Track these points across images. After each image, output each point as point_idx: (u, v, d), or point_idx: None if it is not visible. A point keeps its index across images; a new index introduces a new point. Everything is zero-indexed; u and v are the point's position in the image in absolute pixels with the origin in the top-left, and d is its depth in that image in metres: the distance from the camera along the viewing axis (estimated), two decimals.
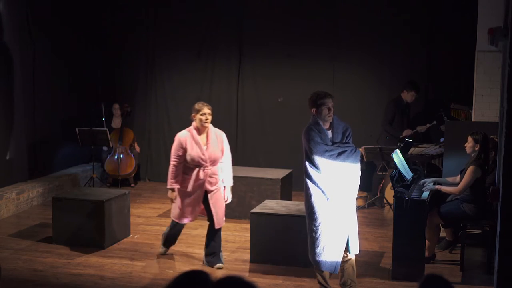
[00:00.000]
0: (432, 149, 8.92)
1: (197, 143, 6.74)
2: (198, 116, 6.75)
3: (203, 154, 6.73)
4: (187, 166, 6.79)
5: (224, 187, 7.00)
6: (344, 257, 5.90)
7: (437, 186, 7.02)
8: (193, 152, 6.71)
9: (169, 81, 11.12)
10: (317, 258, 5.81)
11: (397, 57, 10.11)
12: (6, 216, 8.82)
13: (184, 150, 6.74)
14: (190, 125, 11.03)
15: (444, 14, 9.85)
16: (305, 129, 5.95)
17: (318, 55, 10.40)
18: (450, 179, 7.21)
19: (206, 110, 6.76)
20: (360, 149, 9.41)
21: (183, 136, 6.79)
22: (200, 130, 6.81)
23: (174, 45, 10.99)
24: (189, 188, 6.81)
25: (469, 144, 6.89)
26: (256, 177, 8.76)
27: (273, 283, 6.53)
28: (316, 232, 5.79)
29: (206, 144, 6.79)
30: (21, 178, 9.56)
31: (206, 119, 6.75)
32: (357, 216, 5.78)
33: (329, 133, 5.93)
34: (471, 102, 8.54)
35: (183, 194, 6.88)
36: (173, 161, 6.81)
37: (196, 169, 6.76)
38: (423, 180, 7.20)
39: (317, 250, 5.79)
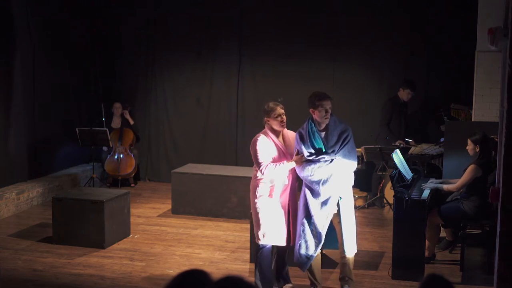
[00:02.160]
0: (432, 149, 8.92)
1: (277, 146, 6.06)
2: (273, 118, 6.03)
3: (286, 158, 6.06)
4: None
5: None
6: (341, 257, 6.11)
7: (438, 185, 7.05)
8: (276, 156, 6.03)
9: (169, 81, 11.12)
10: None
11: (397, 57, 10.11)
12: (6, 216, 8.82)
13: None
14: (189, 124, 11.15)
15: (444, 14, 9.85)
16: (298, 131, 6.08)
17: (318, 55, 10.39)
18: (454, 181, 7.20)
19: (280, 110, 6.05)
20: (360, 149, 9.43)
21: (263, 139, 6.04)
22: (276, 132, 6.11)
23: (174, 45, 10.99)
24: (275, 196, 6.05)
25: (469, 147, 6.91)
26: None
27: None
28: (299, 228, 6.05)
29: (285, 147, 6.15)
30: (21, 178, 9.56)
31: (282, 120, 6.05)
32: (357, 216, 5.82)
33: (323, 134, 5.97)
34: (471, 102, 8.54)
35: (271, 206, 6.07)
36: (264, 163, 5.94)
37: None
38: (430, 181, 7.23)
39: (296, 245, 6.08)
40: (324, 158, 5.90)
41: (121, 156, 10.56)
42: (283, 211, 6.10)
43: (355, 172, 9.67)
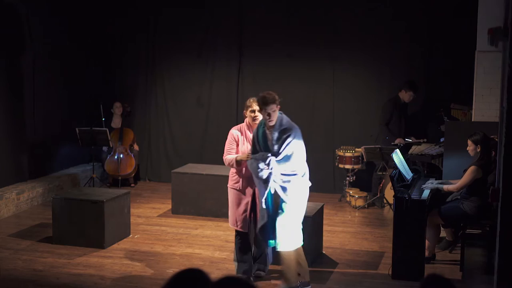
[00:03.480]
0: (432, 149, 8.92)
1: (247, 139, 6.42)
2: (248, 112, 6.40)
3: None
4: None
5: None
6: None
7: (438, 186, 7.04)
8: (243, 148, 6.40)
9: (169, 81, 11.12)
10: None
11: (397, 57, 10.10)
12: (6, 216, 8.82)
13: (237, 144, 6.46)
14: (189, 124, 11.16)
15: (444, 14, 9.84)
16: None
17: (318, 56, 10.39)
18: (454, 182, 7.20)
19: (255, 106, 6.33)
20: (360, 149, 9.44)
21: (236, 130, 6.51)
22: (251, 127, 6.42)
23: (174, 46, 10.98)
24: (240, 187, 6.45)
25: (470, 148, 6.89)
26: None
27: (273, 283, 6.53)
28: None
29: None
30: (21, 178, 9.56)
31: (255, 116, 6.35)
32: (357, 216, 5.79)
33: (269, 132, 6.11)
34: (471, 102, 8.54)
35: (236, 195, 6.50)
36: (225, 152, 6.47)
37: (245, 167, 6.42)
38: (430, 181, 7.23)
39: None
40: (260, 156, 6.01)
41: (121, 156, 10.56)
42: (247, 200, 6.43)
43: (356, 172, 9.77)
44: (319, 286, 6.45)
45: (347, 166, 9.67)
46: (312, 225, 6.97)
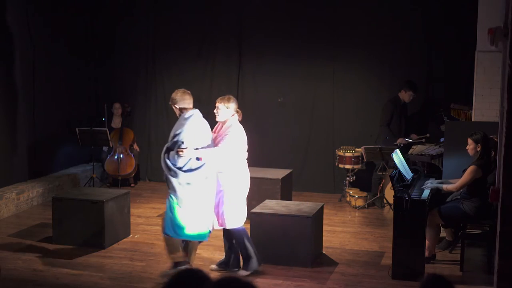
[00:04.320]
0: (432, 149, 8.92)
1: (216, 130, 6.87)
2: None
3: (211, 144, 6.72)
4: None
5: None
6: None
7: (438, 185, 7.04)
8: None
9: (169, 81, 11.12)
10: None
11: (397, 57, 10.10)
12: (6, 216, 8.83)
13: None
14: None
15: (444, 14, 9.84)
16: None
17: (319, 55, 10.39)
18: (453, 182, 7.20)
19: (216, 103, 6.78)
20: (360, 149, 9.44)
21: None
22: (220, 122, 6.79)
23: (174, 45, 10.99)
24: None
25: (470, 146, 6.89)
26: (256, 177, 8.71)
27: (273, 283, 6.53)
28: None
29: (215, 134, 6.80)
30: (21, 178, 9.56)
31: (215, 113, 6.76)
32: (357, 216, 5.77)
33: None
34: (471, 102, 8.54)
35: None
36: None
37: None
38: (430, 181, 7.23)
39: None
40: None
41: (121, 156, 10.56)
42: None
43: (356, 172, 9.77)
44: (319, 286, 6.45)
45: (347, 166, 9.67)
46: (312, 225, 6.97)
